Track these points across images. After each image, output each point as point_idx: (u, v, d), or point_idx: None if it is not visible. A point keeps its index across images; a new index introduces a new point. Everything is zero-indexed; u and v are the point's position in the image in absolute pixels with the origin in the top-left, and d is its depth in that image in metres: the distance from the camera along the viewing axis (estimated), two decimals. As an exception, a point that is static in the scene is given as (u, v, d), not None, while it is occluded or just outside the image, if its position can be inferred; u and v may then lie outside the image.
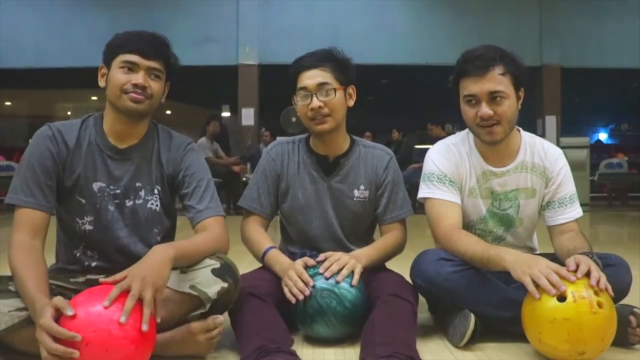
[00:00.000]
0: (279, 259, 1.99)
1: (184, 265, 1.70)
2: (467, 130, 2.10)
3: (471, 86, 1.90)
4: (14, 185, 1.76)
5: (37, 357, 1.56)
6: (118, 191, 1.83)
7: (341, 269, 1.86)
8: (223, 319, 1.74)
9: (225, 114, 11.88)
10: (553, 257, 1.98)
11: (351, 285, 1.84)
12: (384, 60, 9.93)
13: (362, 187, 2.11)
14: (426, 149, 2.16)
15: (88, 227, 1.83)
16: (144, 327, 1.42)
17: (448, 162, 2.05)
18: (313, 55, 2.05)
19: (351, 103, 2.10)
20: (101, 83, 1.84)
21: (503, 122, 1.91)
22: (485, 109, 1.89)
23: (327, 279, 1.84)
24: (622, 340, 1.82)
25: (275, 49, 9.99)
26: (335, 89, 2.00)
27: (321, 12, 10.13)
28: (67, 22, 10.05)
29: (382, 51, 9.81)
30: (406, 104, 12.41)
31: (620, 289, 1.85)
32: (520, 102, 1.97)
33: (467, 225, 2.09)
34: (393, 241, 2.11)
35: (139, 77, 1.76)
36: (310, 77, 2.00)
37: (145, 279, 1.47)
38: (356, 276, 1.85)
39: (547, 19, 10.26)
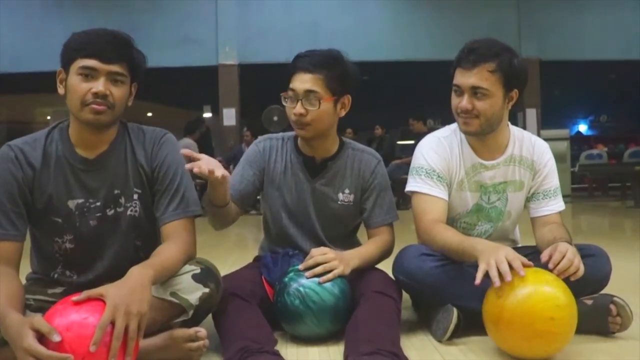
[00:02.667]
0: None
1: (161, 281, 1.62)
2: (456, 124, 2.09)
3: (459, 77, 1.92)
4: None
5: None
6: (99, 203, 1.73)
7: (327, 272, 1.84)
8: (206, 333, 1.67)
9: (207, 115, 11.82)
10: (534, 250, 2.00)
11: (339, 284, 1.84)
12: (364, 57, 9.88)
13: (347, 191, 2.09)
14: (409, 144, 2.17)
15: (69, 245, 1.74)
16: (127, 359, 1.36)
17: (438, 156, 2.04)
18: (314, 56, 1.97)
19: (342, 113, 2.04)
20: (60, 90, 1.69)
21: (481, 117, 1.92)
22: (465, 102, 1.90)
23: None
24: (602, 329, 1.84)
25: (254, 48, 9.96)
26: (320, 100, 1.93)
27: (300, 10, 10.12)
28: (44, 25, 9.93)
29: (362, 48, 9.80)
30: (388, 100, 12.44)
31: (599, 279, 1.88)
32: (511, 103, 1.96)
33: (453, 219, 2.09)
34: (382, 244, 2.08)
35: (99, 85, 1.61)
36: (301, 81, 1.94)
37: (127, 310, 1.36)
38: (329, 276, 1.83)
39: (525, 13, 10.34)
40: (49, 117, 14.58)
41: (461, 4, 10.11)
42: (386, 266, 2.05)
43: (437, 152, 2.06)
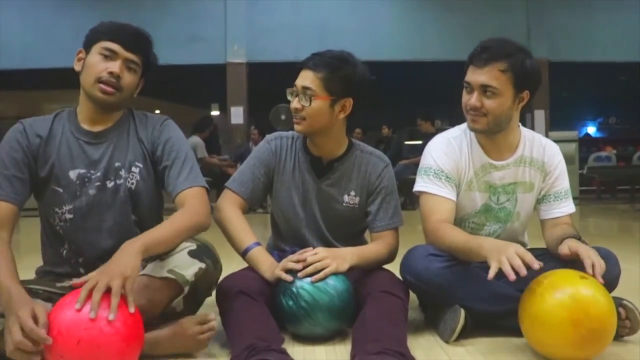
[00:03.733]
0: (262, 259, 1.95)
1: (163, 251, 1.68)
2: (467, 123, 2.09)
3: (470, 74, 1.92)
4: None
5: None
6: (99, 174, 1.80)
7: (318, 271, 1.83)
8: (215, 316, 1.74)
9: (215, 113, 11.85)
10: (543, 252, 1.99)
11: (334, 282, 1.83)
12: (372, 57, 9.86)
13: (352, 193, 2.08)
14: (416, 145, 2.17)
15: (68, 215, 1.80)
16: (110, 316, 1.40)
17: (447, 157, 2.04)
18: (323, 56, 1.98)
19: (341, 116, 2.00)
20: (77, 66, 1.82)
21: (489, 116, 1.91)
22: (474, 100, 1.91)
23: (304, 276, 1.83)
24: (611, 333, 1.83)
25: (263, 46, 9.97)
26: (312, 97, 1.94)
27: (308, 9, 10.13)
28: (54, 22, 9.98)
29: (370, 48, 9.79)
30: (396, 100, 12.44)
31: (609, 282, 1.86)
32: (521, 104, 1.95)
33: (462, 219, 2.08)
34: (384, 246, 2.05)
35: (115, 66, 1.75)
36: (302, 77, 1.97)
37: (111, 272, 1.45)
38: (321, 275, 1.82)
39: (535, 13, 10.31)
40: (57, 114, 14.65)
41: (470, 5, 10.08)
42: (393, 267, 2.05)
43: (446, 152, 2.05)
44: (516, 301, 1.72)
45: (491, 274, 1.62)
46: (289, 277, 1.83)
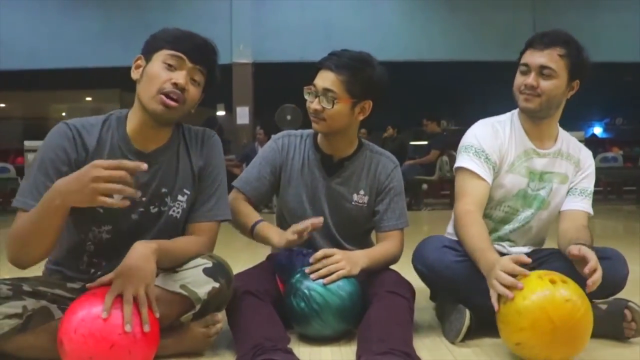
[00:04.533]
0: (271, 230, 1.99)
1: (165, 265, 1.65)
2: (512, 111, 2.14)
3: (528, 56, 1.98)
4: (23, 187, 1.61)
5: None
6: (144, 199, 1.71)
7: (330, 273, 1.83)
8: (221, 316, 1.75)
9: (220, 113, 11.85)
10: (551, 252, 2.00)
11: (345, 284, 1.83)
12: (377, 57, 9.82)
13: (361, 192, 2.09)
14: (422, 145, 2.17)
15: (105, 235, 1.71)
16: (145, 328, 1.46)
17: (489, 138, 2.06)
18: (342, 57, 1.97)
19: (361, 117, 2.03)
20: (134, 75, 1.69)
21: (543, 96, 1.96)
22: (531, 80, 1.95)
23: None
24: (617, 334, 1.83)
25: (269, 47, 9.98)
26: (335, 100, 1.94)
27: (314, 9, 10.13)
28: (60, 23, 10.02)
29: (376, 48, 9.64)
30: (401, 100, 12.42)
31: (616, 282, 1.86)
32: (571, 92, 2.02)
33: (498, 201, 2.08)
34: (391, 247, 2.05)
35: (180, 76, 1.63)
36: (322, 78, 1.96)
37: (133, 280, 1.47)
38: (333, 277, 1.82)
39: (540, 13, 10.26)
40: (64, 114, 14.70)
41: (476, 5, 10.06)
42: (399, 267, 2.05)
43: (490, 133, 2.07)
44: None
45: (495, 305, 1.64)
46: (298, 238, 1.85)
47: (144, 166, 1.37)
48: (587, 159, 2.14)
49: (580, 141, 2.23)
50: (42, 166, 1.61)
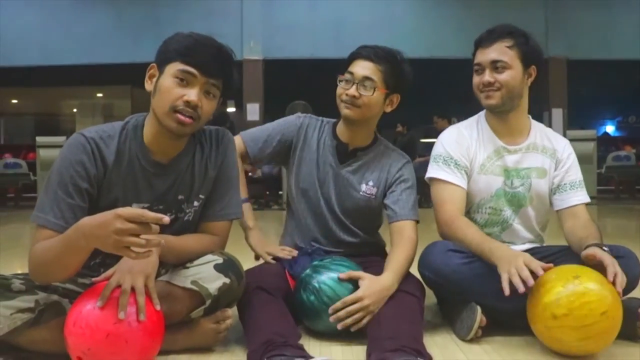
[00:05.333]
0: (250, 219, 2.10)
1: (170, 260, 1.66)
2: (478, 114, 2.16)
3: (479, 56, 2.03)
4: (42, 203, 1.57)
5: (46, 356, 1.60)
6: (162, 207, 1.71)
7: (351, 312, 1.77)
8: (231, 312, 1.76)
9: (231, 110, 11.88)
10: (560, 249, 1.98)
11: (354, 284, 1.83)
12: (389, 54, 9.91)
13: (370, 183, 2.10)
14: (432, 143, 2.17)
15: None
16: (140, 317, 1.46)
17: (456, 144, 2.09)
18: (377, 49, 2.04)
19: (388, 109, 2.10)
20: (148, 86, 1.65)
21: (502, 89, 1.99)
22: (487, 76, 1.99)
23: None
24: (629, 334, 1.82)
25: (279, 43, 9.98)
26: (375, 89, 1.99)
27: (325, 6, 10.12)
28: (72, 19, 10.07)
29: (386, 45, 9.78)
30: (411, 97, 12.39)
31: (629, 281, 1.84)
32: (530, 79, 2.04)
33: (479, 204, 2.09)
34: (410, 247, 1.97)
35: (192, 94, 1.58)
36: (362, 67, 2.00)
37: (132, 270, 1.50)
38: (364, 322, 1.76)
39: (553, 11, 10.22)
40: (75, 110, 14.79)
41: (488, 2, 10.01)
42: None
43: (456, 140, 2.10)
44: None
45: (506, 290, 1.66)
46: (270, 260, 2.00)
47: (166, 219, 1.34)
48: (564, 149, 2.12)
49: (592, 139, 2.23)
50: (62, 183, 1.58)
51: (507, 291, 1.65)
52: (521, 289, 1.62)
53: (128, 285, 1.49)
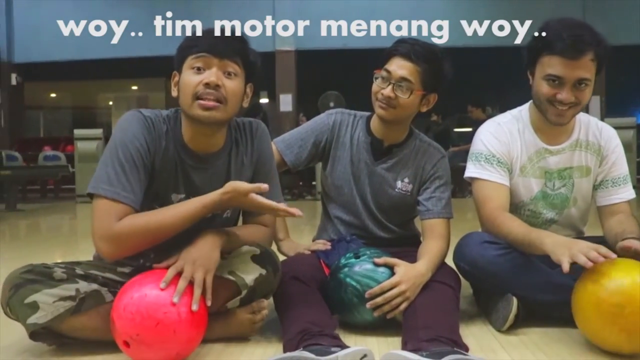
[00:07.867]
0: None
1: (228, 250, 1.69)
2: (519, 108, 2.06)
3: (559, 67, 1.81)
4: (109, 175, 1.57)
5: (88, 343, 1.65)
6: None
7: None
8: (267, 303, 1.78)
9: (264, 100, 11.92)
10: (600, 240, 1.94)
11: (389, 273, 1.82)
12: (421, 43, 9.80)
13: (406, 180, 2.08)
14: (466, 132, 2.14)
15: None
16: (194, 307, 1.50)
17: (497, 141, 2.01)
18: (416, 45, 1.94)
19: (424, 109, 2.04)
20: (174, 92, 1.68)
21: (578, 107, 1.87)
22: (568, 94, 1.82)
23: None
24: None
25: (312, 34, 9.94)
26: (412, 91, 1.93)
27: (357, -4, 10.05)
28: (107, 13, 10.21)
29: (420, 33, 9.70)
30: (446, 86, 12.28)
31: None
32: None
33: (517, 206, 2.05)
34: (443, 243, 1.98)
35: (210, 75, 1.59)
36: (399, 67, 1.93)
37: (196, 262, 1.54)
38: (396, 312, 1.78)
39: (590, -2, 9.98)
40: (110, 102, 15.04)
41: (524, -11, 9.82)
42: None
43: (497, 137, 2.02)
44: (572, 291, 1.69)
45: (565, 268, 1.56)
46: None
47: (265, 186, 1.53)
48: (609, 143, 2.01)
49: (632, 127, 2.14)
50: (127, 154, 1.59)
51: (566, 268, 1.55)
52: (588, 265, 1.53)
53: (189, 274, 1.53)
